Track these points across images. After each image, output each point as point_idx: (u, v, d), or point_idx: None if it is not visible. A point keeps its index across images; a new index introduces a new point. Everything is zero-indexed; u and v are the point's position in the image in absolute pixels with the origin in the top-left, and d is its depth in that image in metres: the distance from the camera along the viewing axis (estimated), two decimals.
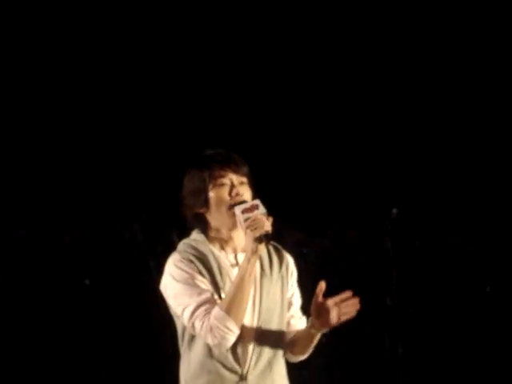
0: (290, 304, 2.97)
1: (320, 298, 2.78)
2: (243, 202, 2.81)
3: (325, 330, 2.85)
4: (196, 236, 2.93)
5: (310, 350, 2.97)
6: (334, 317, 2.77)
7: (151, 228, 6.33)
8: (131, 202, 6.80)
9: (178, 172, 3.00)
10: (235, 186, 2.86)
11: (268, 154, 7.72)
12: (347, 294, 2.79)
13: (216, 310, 2.74)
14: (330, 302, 2.77)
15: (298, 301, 3.02)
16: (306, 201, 7.55)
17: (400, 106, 8.03)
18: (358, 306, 2.78)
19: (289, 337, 2.95)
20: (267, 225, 2.74)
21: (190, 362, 2.86)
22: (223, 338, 2.74)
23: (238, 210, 2.78)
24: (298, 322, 2.99)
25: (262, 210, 2.77)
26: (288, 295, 2.96)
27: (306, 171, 7.84)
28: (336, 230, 6.73)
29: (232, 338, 2.75)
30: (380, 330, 6.40)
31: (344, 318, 2.78)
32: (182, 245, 2.92)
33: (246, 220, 2.75)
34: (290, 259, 3.01)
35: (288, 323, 2.96)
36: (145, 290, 5.92)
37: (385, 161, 7.91)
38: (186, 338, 2.87)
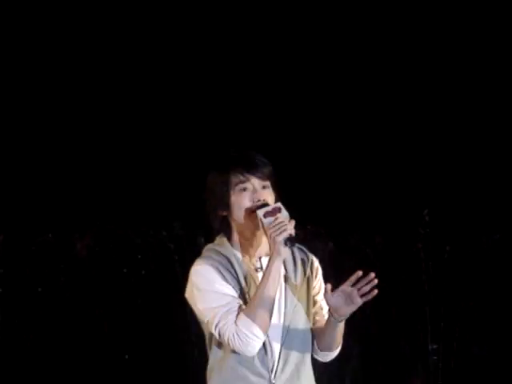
0: (315, 302, 2.92)
1: (347, 286, 2.72)
2: (265, 204, 2.76)
3: (344, 318, 2.78)
4: (219, 240, 2.88)
5: (337, 345, 2.89)
6: (355, 297, 2.71)
7: (179, 233, 6.32)
8: (159, 207, 6.78)
9: (205, 175, 2.96)
10: (257, 191, 2.80)
11: (295, 158, 7.69)
12: (358, 274, 2.73)
13: (241, 316, 2.70)
14: (346, 285, 2.72)
15: (326, 306, 2.93)
16: (334, 205, 7.50)
17: (428, 107, 7.98)
18: (375, 282, 2.71)
19: (315, 334, 2.89)
20: (290, 227, 2.70)
21: (217, 369, 2.83)
22: (248, 344, 2.70)
23: (260, 213, 2.74)
24: (323, 318, 2.92)
25: (284, 212, 2.73)
26: (313, 293, 2.91)
27: (335, 175, 7.80)
28: (366, 235, 6.67)
29: (258, 344, 2.71)
30: (415, 332, 6.35)
31: (365, 299, 2.72)
32: (206, 250, 2.88)
33: (269, 224, 2.71)
34: (314, 260, 2.95)
35: (313, 320, 2.90)
36: (172, 296, 5.93)
37: (416, 164, 7.85)
38: (214, 344, 2.83)
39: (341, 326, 2.82)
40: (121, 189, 7.65)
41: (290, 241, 2.70)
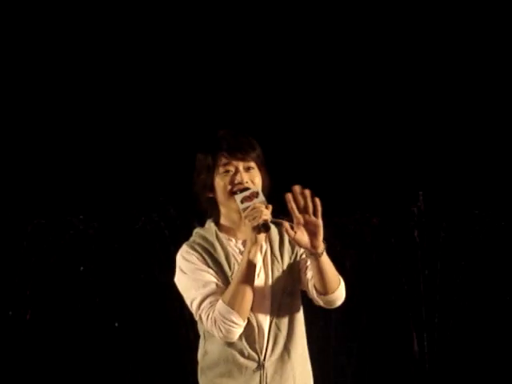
0: (303, 261, 2.85)
1: (297, 217, 2.64)
2: (245, 189, 2.74)
3: (320, 250, 2.68)
4: (208, 224, 2.87)
5: (333, 286, 2.77)
6: (310, 220, 2.64)
7: (173, 216, 6.31)
8: (153, 190, 6.76)
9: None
10: (239, 172, 2.77)
11: (291, 140, 7.68)
12: (293, 190, 2.64)
13: (219, 303, 2.70)
14: (295, 217, 2.64)
15: None
16: (329, 187, 7.49)
17: (421, 92, 7.97)
18: (307, 193, 2.65)
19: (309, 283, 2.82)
20: (265, 213, 2.67)
21: (206, 351, 2.84)
22: (228, 331, 2.70)
23: (238, 198, 2.72)
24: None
25: (261, 198, 2.71)
26: (304, 267, 2.86)
27: (329, 160, 7.79)
28: (361, 216, 6.66)
29: (237, 331, 2.71)
30: (406, 318, 6.34)
31: (318, 214, 2.65)
32: (194, 235, 2.88)
33: (244, 209, 2.69)
34: None
35: (304, 277, 2.84)
36: (165, 281, 5.92)
37: (410, 146, 7.85)
38: (202, 328, 2.84)
39: (325, 262, 2.71)
40: (113, 173, 7.64)
41: (265, 227, 2.66)
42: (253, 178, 2.80)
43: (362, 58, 7.99)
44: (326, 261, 2.72)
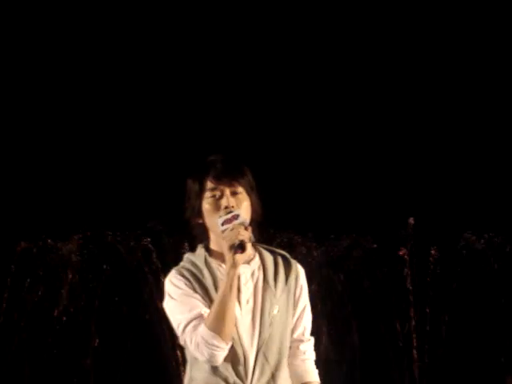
0: (296, 325, 2.86)
1: None
2: (230, 212, 2.74)
3: None
4: (198, 249, 2.88)
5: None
6: None
7: (164, 239, 6.30)
8: (144, 213, 6.75)
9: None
10: (225, 197, 2.78)
11: (283, 162, 7.68)
12: None
13: (202, 327, 2.69)
14: None
15: (307, 319, 2.89)
16: (320, 209, 7.49)
17: (414, 113, 7.98)
18: None
19: (296, 368, 2.84)
20: (242, 234, 2.67)
21: (191, 378, 2.81)
22: (211, 354, 2.69)
23: (219, 221, 2.72)
24: (306, 345, 2.88)
25: (240, 219, 2.70)
26: (297, 313, 2.86)
27: (321, 179, 7.79)
28: (352, 239, 6.67)
29: (221, 354, 2.70)
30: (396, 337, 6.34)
31: None
32: (184, 260, 2.88)
33: (223, 231, 2.70)
34: (300, 271, 2.89)
35: (297, 348, 2.84)
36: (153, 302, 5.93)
37: (401, 169, 7.85)
38: (189, 353, 2.82)
39: None
40: (106, 192, 7.61)
41: (240, 247, 2.66)
42: (239, 202, 2.78)
43: (349, 79, 7.99)
44: None
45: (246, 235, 2.68)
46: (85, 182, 7.70)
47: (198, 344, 2.69)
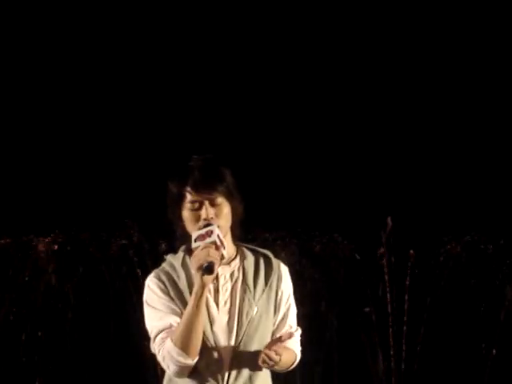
0: (279, 326, 2.84)
1: None
2: (207, 225, 2.69)
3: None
4: (179, 251, 2.84)
5: (287, 367, 2.85)
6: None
7: (140, 239, 6.27)
8: (122, 214, 6.71)
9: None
10: (204, 208, 2.74)
11: (262, 162, 7.67)
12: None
13: (168, 342, 2.69)
14: None
15: (291, 319, 2.88)
16: (300, 210, 7.48)
17: (394, 113, 7.99)
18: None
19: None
20: (211, 255, 2.62)
21: (171, 379, 2.80)
22: (175, 370, 2.69)
23: (194, 236, 2.69)
24: (289, 342, 2.85)
25: (212, 238, 2.65)
26: (280, 313, 2.84)
27: (300, 179, 7.78)
28: (333, 239, 6.66)
29: (184, 370, 2.69)
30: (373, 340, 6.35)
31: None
32: (165, 261, 2.85)
33: (195, 248, 2.65)
34: (283, 269, 2.87)
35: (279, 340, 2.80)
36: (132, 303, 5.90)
37: (380, 169, 7.86)
38: None
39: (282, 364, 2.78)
40: (84, 192, 7.57)
41: (207, 270, 2.61)
42: (220, 211, 2.74)
43: (337, 79, 7.99)
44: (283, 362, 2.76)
45: (216, 256, 2.63)
46: (61, 180, 7.65)
47: (164, 357, 2.69)
